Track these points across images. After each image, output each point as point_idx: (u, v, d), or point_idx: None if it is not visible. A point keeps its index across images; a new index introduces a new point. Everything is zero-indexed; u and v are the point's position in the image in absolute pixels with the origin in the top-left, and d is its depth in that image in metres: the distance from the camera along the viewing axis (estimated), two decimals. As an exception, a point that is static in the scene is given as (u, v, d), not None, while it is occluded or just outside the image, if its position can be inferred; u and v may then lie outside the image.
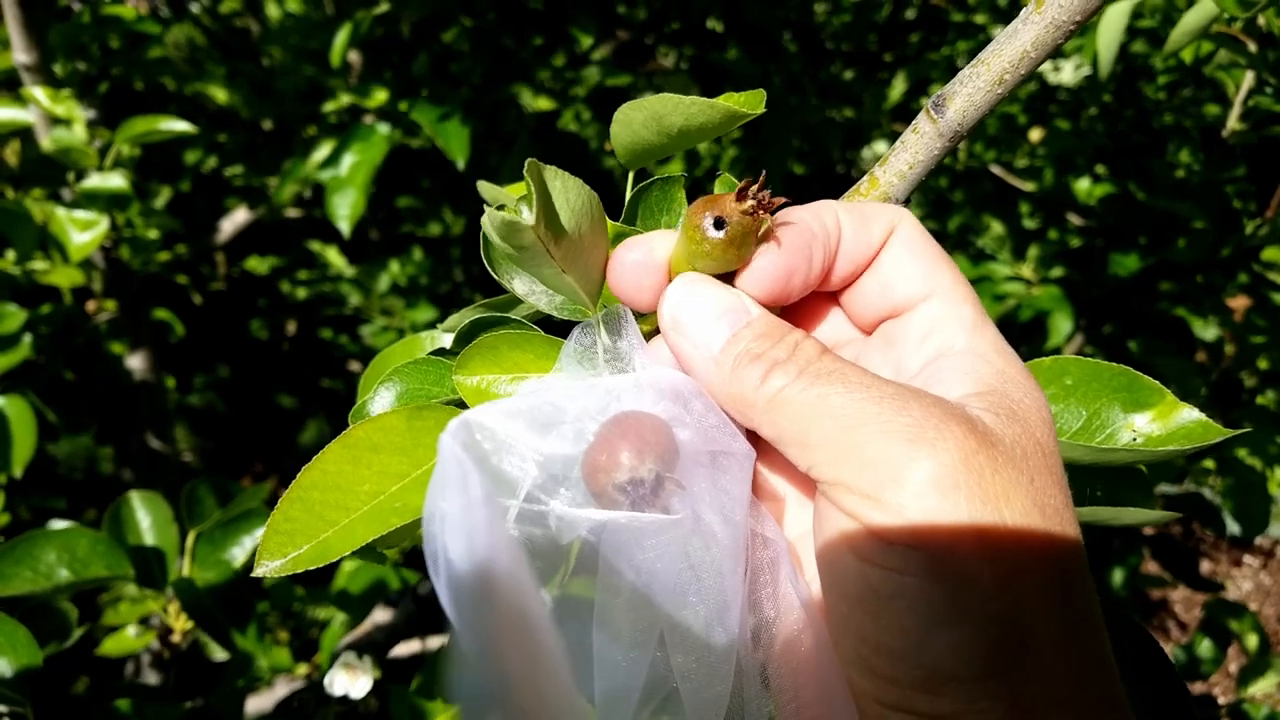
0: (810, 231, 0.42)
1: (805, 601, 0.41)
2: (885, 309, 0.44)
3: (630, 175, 0.54)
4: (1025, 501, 0.35)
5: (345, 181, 1.70)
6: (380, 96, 1.73)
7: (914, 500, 0.34)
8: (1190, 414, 0.52)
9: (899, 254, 0.43)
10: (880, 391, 0.37)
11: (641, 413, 0.40)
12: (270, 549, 0.40)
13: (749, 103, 0.45)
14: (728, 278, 0.43)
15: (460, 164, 1.61)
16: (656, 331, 0.43)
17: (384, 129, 1.74)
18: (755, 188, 0.40)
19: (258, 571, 0.41)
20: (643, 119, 0.48)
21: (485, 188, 0.59)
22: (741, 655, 0.40)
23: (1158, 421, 0.52)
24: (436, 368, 0.51)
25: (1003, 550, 0.34)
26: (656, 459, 0.38)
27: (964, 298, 0.42)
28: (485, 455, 0.37)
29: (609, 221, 0.46)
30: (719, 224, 0.41)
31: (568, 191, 0.39)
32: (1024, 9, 0.43)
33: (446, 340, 0.64)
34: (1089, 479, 0.60)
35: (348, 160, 1.72)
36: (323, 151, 1.77)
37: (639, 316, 0.44)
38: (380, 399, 0.50)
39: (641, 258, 0.43)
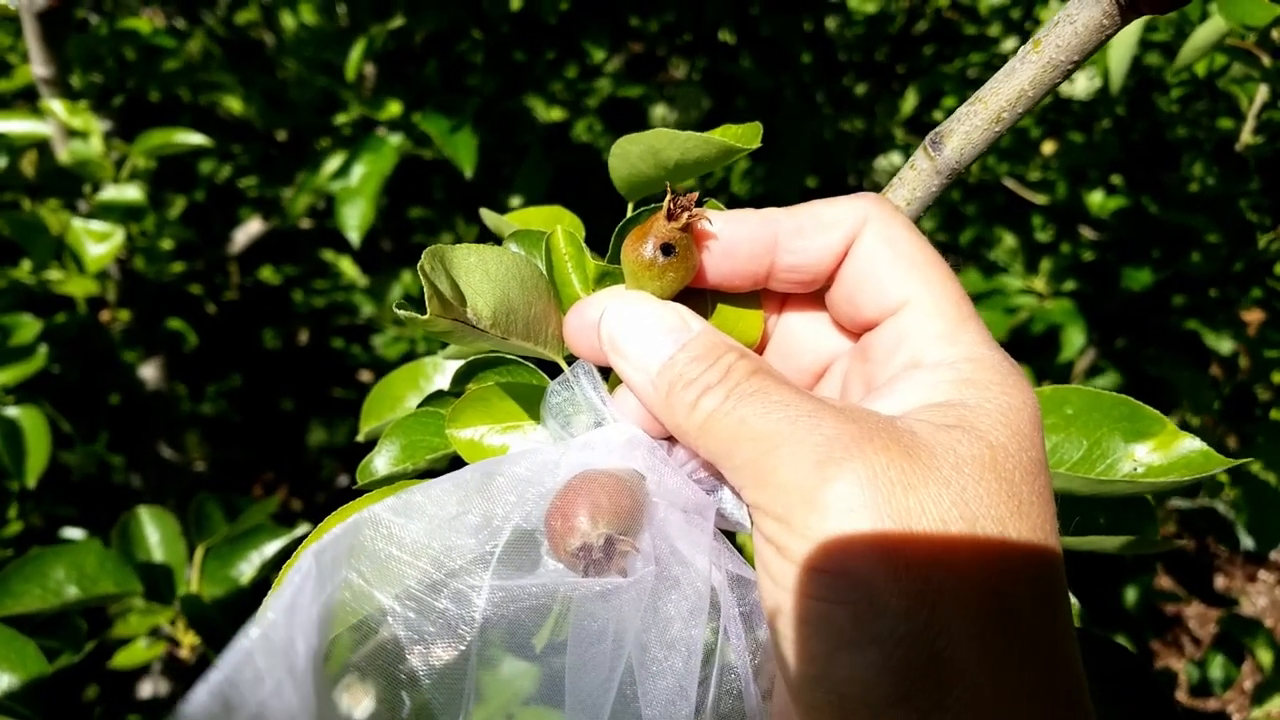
0: (756, 216, 0.43)
1: None
2: (860, 321, 0.43)
3: (630, 206, 0.54)
4: (949, 516, 0.33)
5: (355, 192, 1.71)
6: (394, 109, 1.74)
7: (819, 522, 0.33)
8: (1191, 443, 0.52)
9: (864, 262, 0.42)
10: (798, 410, 0.36)
11: (600, 473, 0.40)
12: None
13: (744, 137, 0.45)
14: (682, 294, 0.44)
15: (468, 173, 1.62)
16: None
17: (394, 140, 1.75)
18: (679, 202, 0.41)
19: None
20: (639, 152, 0.48)
21: (487, 216, 0.59)
22: (710, 685, 0.41)
23: (1158, 451, 0.51)
24: (434, 419, 0.51)
25: (913, 570, 0.32)
26: (610, 522, 0.38)
27: (938, 307, 0.41)
28: (355, 569, 0.37)
29: (591, 261, 0.46)
30: (666, 249, 0.41)
31: (485, 265, 0.40)
32: (1022, 48, 0.43)
33: (449, 366, 0.64)
34: (1092, 506, 0.60)
35: (357, 171, 1.73)
36: (334, 163, 1.78)
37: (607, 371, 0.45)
38: (383, 456, 0.51)
39: (593, 317, 0.43)
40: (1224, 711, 2.56)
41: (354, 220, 1.71)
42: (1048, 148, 2.38)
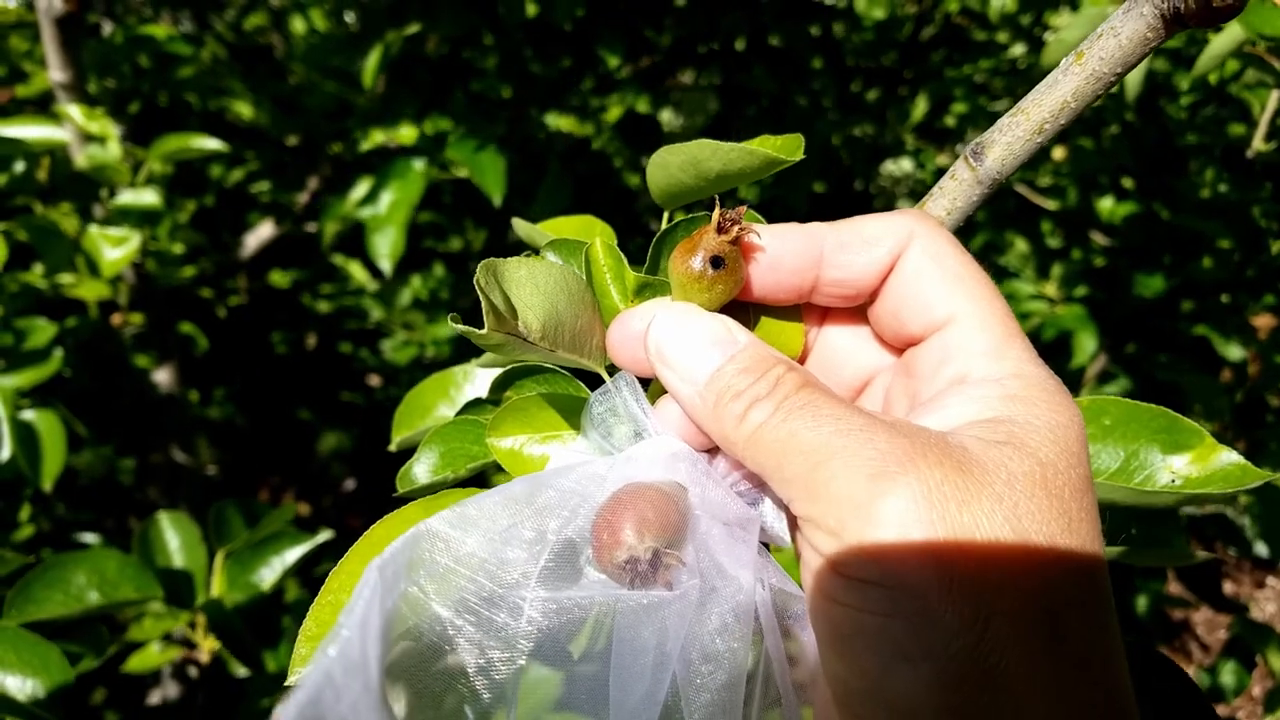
0: (801, 231, 0.43)
1: None
2: (904, 336, 0.44)
3: (666, 214, 0.54)
4: (1002, 532, 0.33)
5: (385, 220, 1.72)
6: (409, 135, 1.75)
7: (874, 535, 0.33)
8: (1229, 456, 0.52)
9: (910, 278, 0.42)
10: (849, 424, 0.36)
11: (645, 486, 0.40)
12: (302, 657, 0.40)
13: (786, 149, 0.45)
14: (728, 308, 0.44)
15: (497, 201, 1.63)
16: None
17: (420, 165, 1.76)
18: (729, 216, 0.41)
19: (291, 680, 0.41)
20: (680, 163, 0.48)
21: (519, 225, 0.60)
22: (755, 699, 0.41)
23: (1196, 464, 0.51)
24: (474, 427, 0.51)
25: (968, 585, 0.32)
26: (657, 535, 0.38)
27: (983, 322, 0.41)
28: (418, 578, 0.37)
29: (630, 273, 0.46)
30: (716, 262, 0.41)
31: (535, 278, 0.40)
32: (1064, 60, 0.43)
33: (479, 374, 0.64)
34: (1127, 518, 0.60)
35: (386, 198, 1.74)
36: (361, 189, 1.79)
37: (646, 381, 0.45)
38: (422, 464, 0.51)
39: (638, 328, 0.43)
40: (1235, 718, 2.56)
41: (385, 249, 1.72)
42: (1058, 153, 2.38)
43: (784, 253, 0.43)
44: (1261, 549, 1.84)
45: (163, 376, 1.94)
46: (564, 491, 0.40)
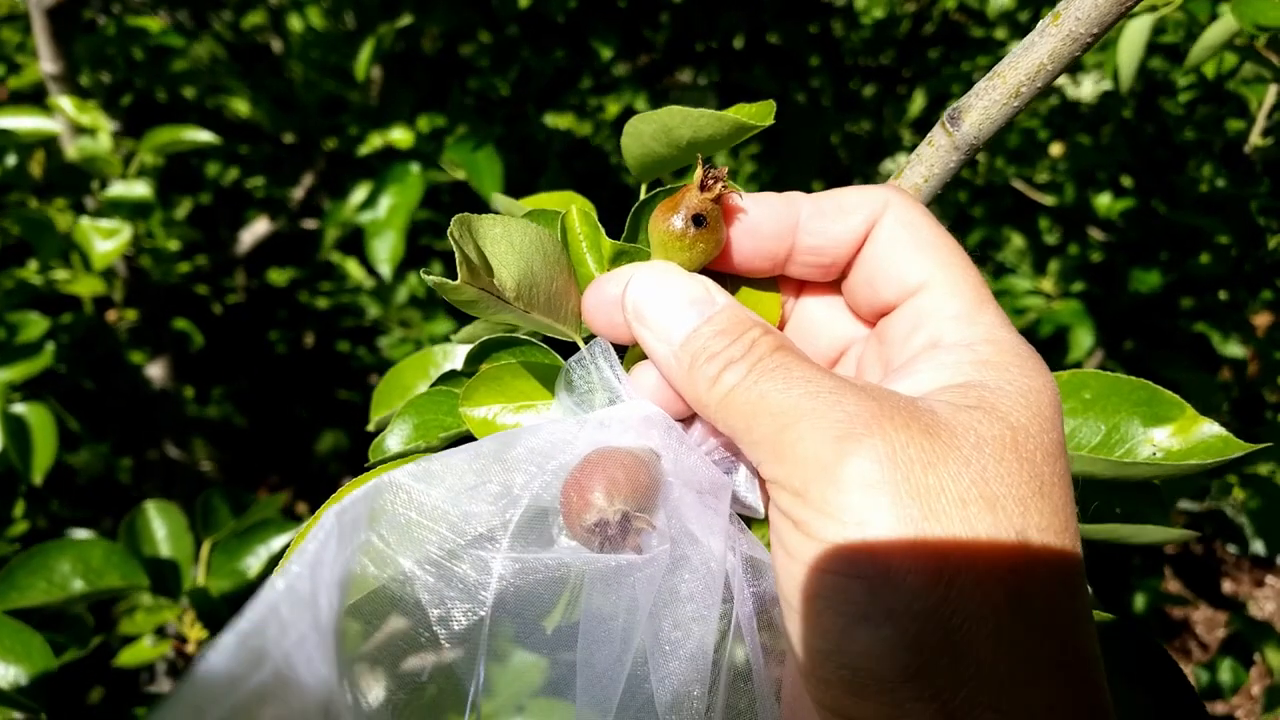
0: (779, 198, 0.43)
1: None
2: (878, 304, 0.43)
3: (642, 187, 0.54)
4: (968, 495, 0.33)
5: (384, 225, 1.72)
6: (405, 138, 1.75)
7: (837, 496, 0.33)
8: (1210, 428, 0.51)
9: (885, 246, 0.42)
10: (818, 386, 0.36)
11: (617, 449, 0.40)
12: None
13: (758, 115, 0.45)
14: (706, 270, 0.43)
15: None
16: (644, 357, 0.43)
17: (417, 168, 1.76)
18: (712, 174, 0.41)
19: None
20: (652, 131, 0.48)
21: (499, 200, 0.59)
22: (723, 666, 0.40)
23: (1178, 436, 0.51)
24: (447, 398, 0.51)
25: (930, 547, 0.32)
26: (626, 498, 0.38)
27: (955, 289, 0.41)
28: (377, 528, 0.37)
29: (607, 241, 0.46)
30: (698, 220, 0.41)
31: (510, 235, 0.40)
32: (1040, 21, 0.43)
33: (458, 352, 0.64)
34: (1110, 494, 0.59)
35: (385, 202, 1.74)
36: (360, 194, 1.79)
37: (622, 349, 0.45)
38: (395, 434, 0.51)
39: (614, 292, 0.43)
40: (1233, 715, 2.55)
41: (384, 254, 1.73)
42: (1055, 150, 2.38)
43: (762, 218, 0.43)
44: (1259, 547, 1.83)
45: (156, 371, 1.94)
46: (532, 450, 0.40)
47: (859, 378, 0.45)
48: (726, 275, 0.46)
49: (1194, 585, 2.24)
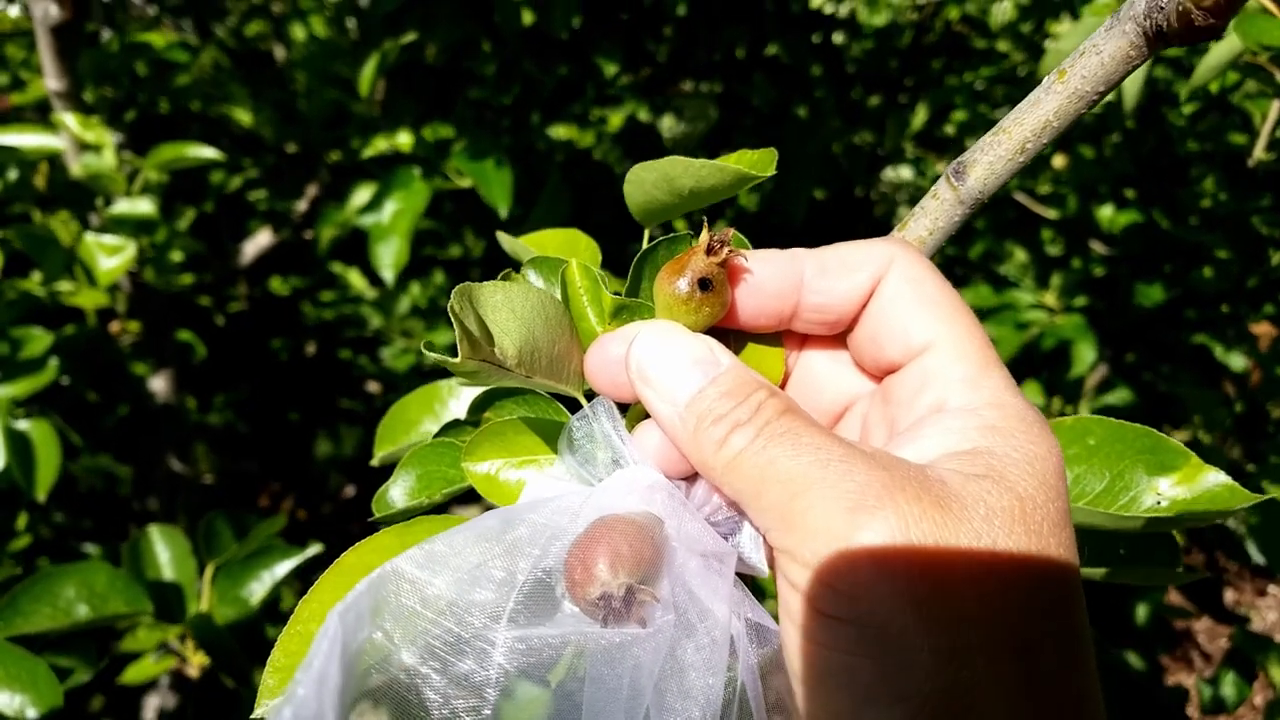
0: (783, 255, 0.43)
1: None
2: (884, 362, 0.43)
3: (646, 232, 0.54)
4: (979, 571, 0.33)
5: (389, 229, 1.69)
6: (407, 142, 1.74)
7: (850, 572, 0.33)
8: (1216, 477, 0.51)
9: (890, 303, 0.42)
10: (828, 454, 0.35)
11: (620, 519, 0.40)
12: (270, 688, 0.39)
13: (759, 164, 0.45)
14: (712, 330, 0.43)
15: (503, 213, 1.62)
16: (646, 415, 0.43)
17: (419, 173, 1.75)
18: (717, 237, 0.41)
19: (257, 713, 0.40)
20: (654, 180, 0.48)
21: (504, 239, 0.59)
22: None
23: (1182, 485, 0.51)
24: (450, 450, 0.51)
25: (944, 625, 0.32)
26: (631, 570, 0.38)
27: (961, 350, 0.40)
28: (381, 622, 0.36)
29: (608, 295, 0.46)
30: (704, 284, 0.41)
31: (511, 303, 0.40)
32: (1046, 78, 0.43)
33: (465, 392, 0.64)
34: (1113, 538, 0.59)
35: (390, 207, 1.72)
36: (362, 196, 1.77)
37: (624, 407, 0.44)
38: (399, 486, 0.51)
39: (617, 352, 0.43)
40: (1236, 730, 2.54)
41: (389, 259, 1.70)
42: (1058, 162, 2.38)
43: (767, 276, 0.43)
44: (1259, 558, 1.82)
45: (159, 384, 1.94)
46: (536, 527, 0.39)
47: (865, 438, 0.45)
48: (730, 331, 0.46)
49: (1196, 597, 2.24)
